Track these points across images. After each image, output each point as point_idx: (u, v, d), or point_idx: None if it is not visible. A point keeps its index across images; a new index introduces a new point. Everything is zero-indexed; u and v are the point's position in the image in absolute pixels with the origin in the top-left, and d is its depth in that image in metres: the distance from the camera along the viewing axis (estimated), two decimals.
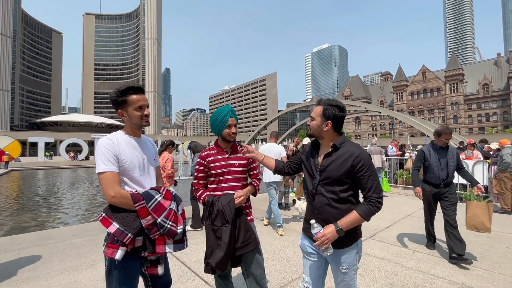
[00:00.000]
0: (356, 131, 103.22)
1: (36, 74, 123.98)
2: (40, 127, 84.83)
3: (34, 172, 25.82)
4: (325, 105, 1.57)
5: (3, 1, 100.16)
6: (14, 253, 3.65)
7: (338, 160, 1.52)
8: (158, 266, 1.59)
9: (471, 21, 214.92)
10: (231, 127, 1.95)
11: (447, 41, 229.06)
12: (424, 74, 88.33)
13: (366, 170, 1.47)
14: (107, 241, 1.47)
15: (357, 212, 1.47)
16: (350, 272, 1.54)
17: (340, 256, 1.54)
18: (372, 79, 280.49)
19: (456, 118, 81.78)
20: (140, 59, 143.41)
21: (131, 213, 1.47)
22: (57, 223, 7.27)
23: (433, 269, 3.10)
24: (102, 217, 1.47)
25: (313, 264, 1.65)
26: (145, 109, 1.61)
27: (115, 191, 1.45)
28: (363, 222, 1.50)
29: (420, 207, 6.50)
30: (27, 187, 14.96)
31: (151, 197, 1.51)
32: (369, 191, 1.48)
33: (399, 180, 9.72)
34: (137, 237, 1.47)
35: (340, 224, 1.45)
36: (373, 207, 1.46)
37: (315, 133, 1.61)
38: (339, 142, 1.56)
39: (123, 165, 1.54)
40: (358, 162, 1.47)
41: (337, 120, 1.57)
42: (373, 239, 4.15)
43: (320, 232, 1.45)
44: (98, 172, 1.47)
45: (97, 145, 1.54)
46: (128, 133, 1.64)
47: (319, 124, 1.57)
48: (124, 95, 1.57)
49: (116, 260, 1.43)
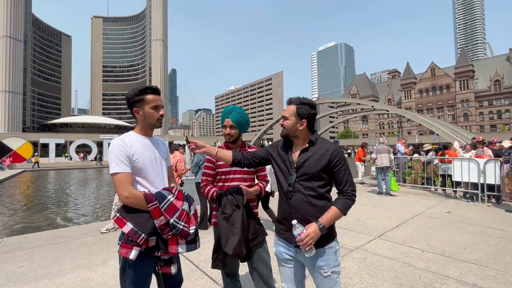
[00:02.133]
0: (363, 130, 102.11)
1: (47, 77, 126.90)
2: (51, 128, 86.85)
3: (46, 172, 26.43)
4: (298, 104, 1.57)
5: (14, 6, 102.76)
6: (28, 251, 3.76)
7: (315, 156, 1.52)
8: (171, 265, 1.62)
9: (481, 16, 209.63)
10: (226, 127, 2.00)
11: (456, 37, 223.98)
12: (433, 71, 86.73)
13: (342, 165, 1.50)
14: (122, 241, 1.50)
15: (336, 207, 1.45)
16: (333, 275, 1.49)
17: (318, 258, 1.49)
18: (379, 77, 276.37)
19: (466, 115, 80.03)
20: (147, 61, 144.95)
21: (145, 214, 1.49)
22: (68, 222, 7.43)
23: (443, 269, 3.05)
24: (116, 217, 1.51)
25: (290, 271, 1.61)
26: (161, 109, 1.65)
27: (129, 192, 1.47)
28: (341, 217, 1.48)
29: (429, 207, 6.43)
30: (41, 187, 15.34)
31: (164, 197, 1.53)
32: (345, 185, 1.49)
33: (407, 179, 9.59)
34: (150, 237, 1.49)
35: (322, 221, 1.42)
36: (350, 200, 1.48)
37: (290, 132, 1.59)
38: (314, 138, 1.58)
39: (136, 165, 1.56)
40: (335, 157, 1.49)
41: (311, 118, 1.57)
42: (381, 238, 4.11)
43: (304, 232, 1.39)
44: (111, 173, 1.50)
45: (110, 146, 1.57)
46: (140, 133, 1.67)
47: (294, 123, 1.56)
48: (142, 94, 1.61)
49: (130, 260, 1.46)
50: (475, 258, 3.34)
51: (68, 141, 48.25)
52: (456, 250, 3.61)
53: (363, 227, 4.72)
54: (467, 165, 7.08)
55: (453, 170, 7.41)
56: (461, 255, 3.44)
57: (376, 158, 8.23)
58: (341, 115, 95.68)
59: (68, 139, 49.88)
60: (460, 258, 3.33)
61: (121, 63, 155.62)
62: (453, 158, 7.55)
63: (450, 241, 3.96)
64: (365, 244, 3.87)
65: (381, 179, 8.15)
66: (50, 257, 3.54)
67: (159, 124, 1.67)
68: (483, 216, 5.47)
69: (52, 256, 3.56)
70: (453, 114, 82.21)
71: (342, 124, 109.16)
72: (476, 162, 6.89)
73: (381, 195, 7.93)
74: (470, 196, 7.11)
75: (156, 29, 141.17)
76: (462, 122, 78.63)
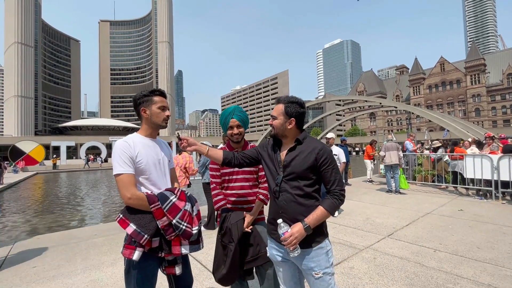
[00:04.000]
0: (371, 127, 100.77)
1: (57, 81, 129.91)
2: (62, 131, 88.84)
3: (57, 175, 27.06)
4: (286, 103, 1.54)
5: (25, 13, 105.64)
6: (40, 252, 3.84)
7: (302, 155, 1.49)
8: (175, 266, 1.62)
9: (492, 8, 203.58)
10: (233, 128, 1.97)
11: (466, 30, 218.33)
12: (442, 66, 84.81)
13: (329, 164, 1.46)
14: (125, 242, 1.51)
15: (323, 207, 1.42)
16: (325, 277, 1.45)
17: (308, 259, 1.46)
18: (387, 73, 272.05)
19: (478, 110, 77.98)
20: (153, 63, 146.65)
21: (147, 215, 1.50)
22: (79, 223, 7.58)
23: (456, 269, 2.96)
24: (119, 218, 1.52)
25: (286, 273, 1.58)
26: (166, 110, 1.70)
27: (131, 193, 1.48)
28: (328, 217, 1.45)
29: (440, 205, 6.28)
30: (53, 189, 15.71)
31: (166, 198, 1.54)
32: (332, 184, 1.46)
33: (417, 177, 9.40)
34: (153, 238, 1.50)
35: (308, 221, 1.39)
36: (338, 200, 1.44)
37: (279, 132, 1.57)
38: (302, 137, 1.55)
39: (139, 166, 1.58)
40: (322, 155, 1.46)
41: (300, 117, 1.55)
42: (392, 238, 4.03)
43: (288, 232, 1.39)
44: (115, 174, 1.52)
45: (114, 147, 1.59)
46: (144, 134, 1.69)
47: (283, 122, 1.54)
48: (150, 94, 1.68)
49: (134, 261, 1.47)
50: (490, 257, 3.24)
51: (79, 143, 49.32)
52: (469, 249, 3.51)
53: (372, 226, 4.64)
54: (480, 161, 6.89)
55: (465, 166, 7.22)
56: (475, 254, 3.34)
57: (384, 156, 8.09)
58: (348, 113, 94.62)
59: (78, 142, 50.99)
60: (474, 258, 3.24)
61: (128, 66, 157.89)
62: (465, 155, 7.36)
63: (463, 240, 3.85)
64: (374, 243, 3.81)
65: (390, 177, 8.01)
66: (61, 257, 3.61)
67: (165, 124, 1.70)
68: (497, 213, 5.31)
69: (63, 257, 3.63)
70: (464, 109, 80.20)
71: (350, 122, 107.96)
72: (490, 158, 6.70)
73: (390, 193, 7.80)
74: (483, 194, 6.91)
75: (162, 31, 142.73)
76: (474, 117, 76.59)
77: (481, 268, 2.96)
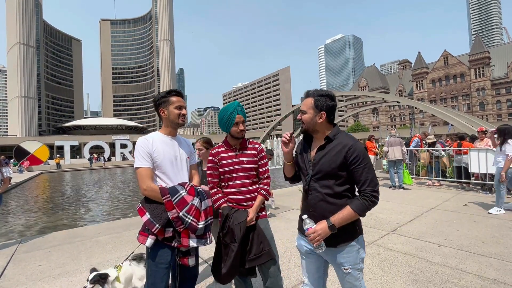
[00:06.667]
0: (374, 123, 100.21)
1: (59, 81, 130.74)
2: (65, 131, 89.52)
3: (61, 174, 27.31)
4: (316, 96, 1.49)
5: (26, 14, 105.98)
6: (46, 250, 3.88)
7: (331, 153, 1.44)
8: (188, 257, 1.76)
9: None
10: (238, 124, 1.91)
11: (470, 22, 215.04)
12: (446, 60, 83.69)
13: (360, 162, 1.38)
14: (140, 229, 1.68)
15: (350, 208, 1.37)
16: (354, 272, 1.45)
17: (338, 255, 1.45)
18: (389, 68, 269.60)
19: (482, 104, 77.01)
20: (154, 61, 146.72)
21: (161, 206, 1.64)
22: (83, 221, 7.65)
23: (461, 264, 2.94)
24: (139, 207, 1.69)
25: (311, 265, 1.58)
26: (183, 109, 1.83)
27: (147, 185, 1.65)
28: (357, 218, 1.41)
29: (445, 200, 6.23)
30: (58, 188, 15.87)
31: (176, 191, 1.66)
32: (363, 184, 1.38)
33: (421, 172, 9.33)
34: (166, 228, 1.64)
35: (333, 220, 1.37)
36: (368, 201, 1.37)
37: (310, 126, 1.51)
38: (332, 133, 1.48)
39: (156, 161, 1.72)
40: (352, 153, 1.39)
41: (331, 110, 1.49)
42: (396, 233, 4.01)
43: (312, 228, 1.39)
44: (135, 167, 1.72)
45: (136, 143, 1.78)
46: (164, 132, 1.84)
47: (312, 116, 1.48)
48: (167, 95, 1.81)
49: (149, 249, 1.63)
50: (496, 252, 3.21)
51: (82, 142, 49.59)
52: (474, 244, 3.48)
53: (376, 221, 4.62)
54: (485, 155, 6.81)
55: (470, 161, 7.14)
56: (480, 249, 3.31)
57: (388, 151, 8.03)
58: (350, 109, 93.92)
59: (82, 141, 51.26)
60: (479, 253, 3.21)
61: (130, 65, 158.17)
62: (469, 149, 7.28)
63: (468, 234, 3.82)
64: (378, 239, 3.79)
65: (393, 172, 7.96)
66: (66, 255, 3.64)
67: (182, 122, 1.83)
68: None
69: (68, 255, 3.66)
70: (468, 103, 79.23)
71: (352, 118, 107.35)
72: (494, 152, 6.60)
73: (394, 188, 7.76)
74: (488, 188, 6.85)
75: (163, 30, 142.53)
76: (478, 111, 75.69)
77: (486, 263, 2.93)
